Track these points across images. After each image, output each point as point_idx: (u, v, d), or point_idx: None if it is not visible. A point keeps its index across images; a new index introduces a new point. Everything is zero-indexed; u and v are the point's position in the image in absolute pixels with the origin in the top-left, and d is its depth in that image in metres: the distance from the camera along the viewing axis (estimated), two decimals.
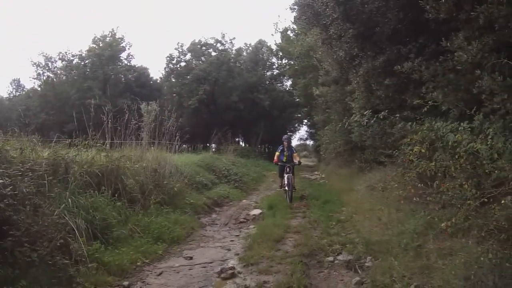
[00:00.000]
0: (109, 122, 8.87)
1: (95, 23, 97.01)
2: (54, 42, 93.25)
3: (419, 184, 5.39)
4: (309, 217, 9.32)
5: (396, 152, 6.07)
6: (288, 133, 13.14)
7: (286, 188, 11.76)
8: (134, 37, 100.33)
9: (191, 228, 8.39)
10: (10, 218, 4.27)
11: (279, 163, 12.64)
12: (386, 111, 6.04)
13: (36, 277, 4.23)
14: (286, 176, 11.87)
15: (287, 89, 42.51)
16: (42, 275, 4.29)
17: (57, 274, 4.45)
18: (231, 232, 8.62)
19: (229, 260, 6.34)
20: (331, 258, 5.99)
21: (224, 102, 38.14)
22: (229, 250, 6.98)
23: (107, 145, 8.87)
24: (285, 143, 12.80)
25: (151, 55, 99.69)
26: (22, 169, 5.10)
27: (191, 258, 6.47)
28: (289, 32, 35.79)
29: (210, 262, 6.22)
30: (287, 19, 41.97)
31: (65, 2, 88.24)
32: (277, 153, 12.85)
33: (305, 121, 43.04)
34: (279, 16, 52.15)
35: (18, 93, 52.26)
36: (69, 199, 5.87)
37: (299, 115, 44.37)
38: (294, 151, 13.02)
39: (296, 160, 12.62)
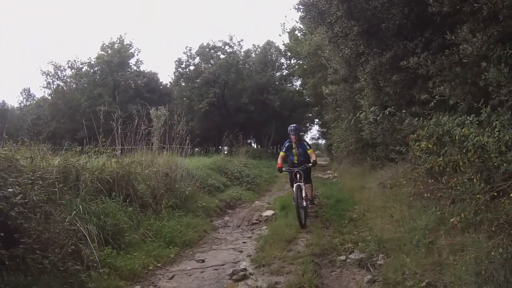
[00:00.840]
0: (119, 128, 8.93)
1: (101, 27, 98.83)
2: (62, 51, 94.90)
3: (430, 180, 5.35)
4: (322, 216, 9.26)
5: (404, 148, 6.03)
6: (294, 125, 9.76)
7: (299, 204, 8.26)
8: (142, 42, 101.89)
9: (203, 231, 8.41)
10: (21, 226, 4.34)
11: (283, 169, 9.38)
12: (393, 107, 5.98)
13: (48, 283, 4.29)
14: (295, 185, 8.59)
15: (297, 89, 42.46)
16: (54, 281, 4.35)
17: (68, 280, 4.51)
18: (244, 233, 8.62)
19: (241, 261, 6.34)
20: (343, 257, 5.97)
21: (234, 104, 38.30)
22: (241, 252, 6.98)
23: (118, 151, 8.93)
24: (292, 136, 9.30)
25: (161, 60, 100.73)
26: (32, 178, 5.16)
27: (203, 261, 6.48)
28: (296, 32, 35.79)
29: (222, 265, 6.23)
30: (294, 18, 42.01)
31: (69, 8, 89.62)
32: (281, 153, 9.65)
33: (316, 120, 43.04)
34: (285, 16, 52.20)
35: (28, 103, 53.38)
36: (80, 206, 5.92)
37: (310, 115, 44.33)
38: (308, 147, 9.45)
39: (311, 161, 9.09)
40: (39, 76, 66.68)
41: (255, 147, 41.40)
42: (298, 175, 8.89)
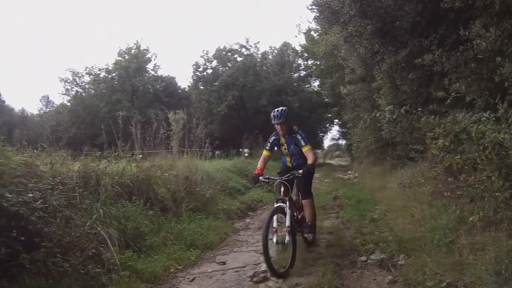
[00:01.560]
0: (138, 133, 9.04)
1: (116, 30, 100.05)
2: (78, 55, 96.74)
3: (449, 178, 5.28)
4: (342, 217, 9.22)
5: (422, 147, 5.97)
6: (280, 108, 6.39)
7: (274, 238, 5.59)
8: (158, 46, 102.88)
9: (224, 234, 8.42)
10: (42, 230, 4.45)
11: (261, 178, 6.24)
12: (408, 105, 5.93)
13: (69, 286, 4.37)
14: (274, 207, 5.83)
15: (315, 89, 42.25)
16: (75, 284, 4.43)
17: (89, 282, 4.59)
18: None
19: (262, 263, 6.30)
20: (364, 258, 5.91)
21: (253, 106, 38.39)
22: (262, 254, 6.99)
23: (139, 156, 9.03)
24: (277, 125, 6.21)
25: (178, 63, 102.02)
26: (52, 183, 5.26)
27: (224, 263, 6.50)
28: (312, 32, 35.51)
29: (243, 266, 6.25)
30: (308, 19, 42.15)
31: (83, 18, 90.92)
32: (264, 152, 6.69)
33: (336, 120, 42.72)
34: (300, 17, 51.65)
35: (48, 109, 54.44)
36: (101, 210, 5.98)
37: (329, 115, 43.99)
38: (303, 143, 6.20)
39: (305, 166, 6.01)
40: (58, 83, 68.30)
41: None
42: (284, 189, 6.02)
